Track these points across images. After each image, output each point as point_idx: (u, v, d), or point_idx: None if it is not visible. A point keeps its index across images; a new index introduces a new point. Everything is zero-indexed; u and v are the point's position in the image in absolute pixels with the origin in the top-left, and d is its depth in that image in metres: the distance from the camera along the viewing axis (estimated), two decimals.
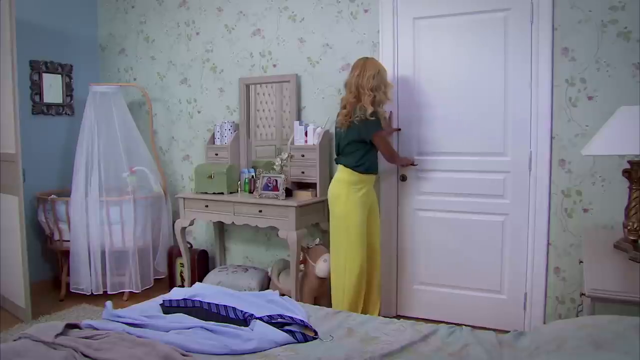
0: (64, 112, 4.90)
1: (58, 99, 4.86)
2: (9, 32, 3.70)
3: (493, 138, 3.56)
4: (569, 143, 3.31)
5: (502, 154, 3.55)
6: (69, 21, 4.93)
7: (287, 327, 2.27)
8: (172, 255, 4.60)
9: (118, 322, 2.31)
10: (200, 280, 4.25)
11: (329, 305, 3.58)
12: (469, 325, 2.42)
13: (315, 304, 3.35)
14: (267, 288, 3.99)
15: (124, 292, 4.35)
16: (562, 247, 3.39)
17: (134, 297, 4.23)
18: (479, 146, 3.61)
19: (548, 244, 3.42)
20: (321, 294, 3.83)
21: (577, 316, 3.02)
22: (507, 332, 2.32)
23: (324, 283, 3.79)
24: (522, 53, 3.40)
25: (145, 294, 4.16)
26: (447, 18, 3.65)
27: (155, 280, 4.56)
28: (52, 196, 4.36)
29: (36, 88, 4.66)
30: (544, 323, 3.38)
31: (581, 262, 3.00)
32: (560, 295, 3.42)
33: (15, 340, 2.08)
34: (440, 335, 2.28)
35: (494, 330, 2.39)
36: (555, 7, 3.27)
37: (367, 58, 3.48)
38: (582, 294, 2.09)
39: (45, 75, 4.73)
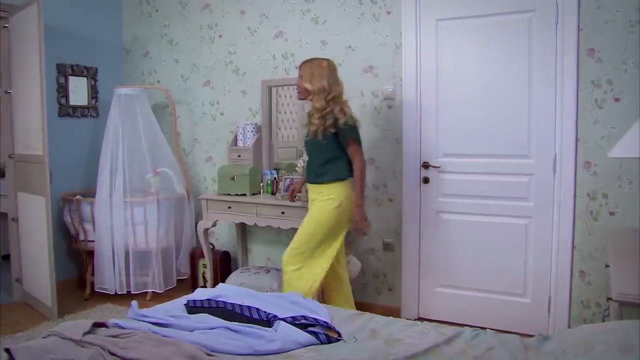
0: (89, 114, 4.97)
1: (83, 102, 4.93)
2: (37, 37, 3.78)
3: (517, 140, 3.53)
4: (594, 145, 3.27)
5: (526, 156, 3.51)
6: (94, 25, 5.00)
7: (310, 328, 2.27)
8: (195, 256, 4.64)
9: (143, 321, 2.34)
10: (223, 281, 4.27)
11: (352, 306, 3.58)
12: (492, 329, 2.40)
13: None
14: None
15: (147, 292, 4.40)
16: (587, 251, 3.35)
17: (157, 297, 4.28)
18: (503, 148, 3.58)
19: (573, 247, 3.38)
20: None
21: (604, 321, 2.99)
22: (531, 336, 2.30)
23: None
24: (546, 54, 3.37)
25: (168, 294, 4.20)
26: (470, 20, 3.63)
27: (178, 280, 4.60)
28: (78, 197, 4.43)
29: (62, 91, 4.74)
30: (569, 327, 3.34)
31: (607, 266, 2.96)
32: (586, 299, 3.37)
33: (44, 338, 2.11)
34: (464, 338, 2.26)
35: (518, 334, 2.37)
36: (581, 7, 3.23)
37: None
38: (608, 299, 2.07)
39: (71, 78, 4.81)
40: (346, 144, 3.26)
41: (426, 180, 3.84)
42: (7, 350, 1.90)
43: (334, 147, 3.27)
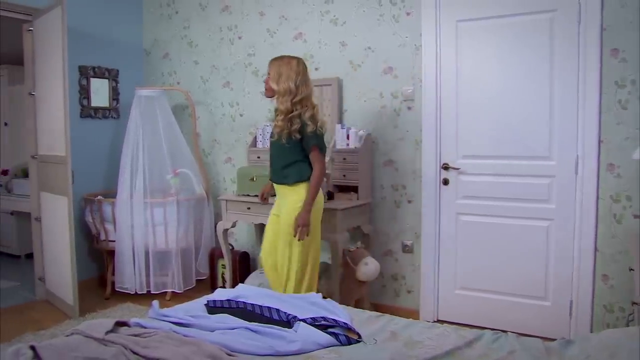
0: (110, 116, 5.03)
1: (105, 103, 4.99)
2: (60, 40, 3.83)
3: (538, 142, 3.49)
4: (617, 147, 3.23)
5: (547, 158, 3.48)
6: (115, 28, 5.06)
7: (330, 330, 2.27)
8: (214, 256, 4.66)
9: (164, 321, 2.35)
10: (241, 282, 4.29)
11: (371, 307, 3.57)
12: (513, 332, 2.38)
13: (356, 307, 3.34)
14: None
15: (166, 292, 4.43)
16: (610, 254, 3.30)
17: (177, 297, 4.31)
18: (523, 150, 3.55)
19: (595, 250, 3.34)
20: (362, 297, 3.82)
21: (628, 325, 2.95)
22: (553, 340, 2.27)
23: (365, 286, 3.79)
24: (568, 55, 3.34)
25: (187, 295, 4.23)
26: (491, 20, 3.61)
27: (197, 281, 4.63)
28: (99, 197, 4.48)
29: (84, 92, 4.80)
30: (591, 332, 3.29)
31: (631, 269, 2.92)
32: (608, 303, 3.33)
33: (67, 336, 2.14)
34: (485, 341, 2.24)
35: (539, 337, 2.34)
36: (604, 6, 3.19)
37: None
38: (633, 303, 2.04)
39: (92, 80, 4.87)
40: (309, 150, 3.19)
41: (446, 182, 3.82)
42: (32, 348, 1.93)
43: (298, 151, 3.21)
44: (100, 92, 4.95)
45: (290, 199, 3.26)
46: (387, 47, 3.97)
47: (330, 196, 3.85)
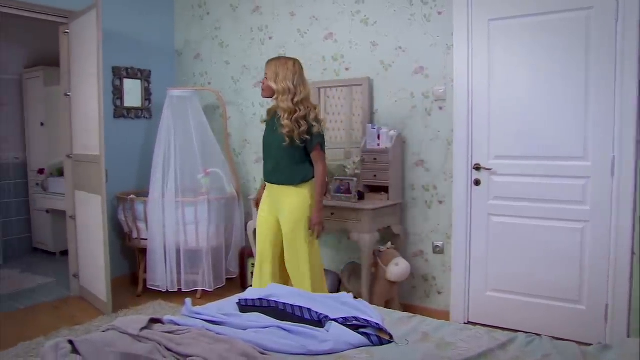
0: (142, 116, 5.11)
1: (137, 103, 5.07)
2: (96, 42, 3.90)
3: (572, 142, 3.43)
4: None
5: (582, 159, 3.41)
6: (148, 29, 5.14)
7: (362, 330, 2.27)
8: (244, 255, 4.69)
9: (197, 319, 2.38)
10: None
11: (401, 308, 3.56)
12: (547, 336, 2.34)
13: (386, 307, 3.33)
14: (338, 290, 4.00)
15: (197, 290, 4.47)
16: None
17: (207, 296, 4.35)
18: (557, 150, 3.49)
19: (632, 253, 3.26)
20: (392, 298, 3.81)
21: None
22: (588, 344, 2.23)
23: (395, 287, 3.77)
24: (605, 53, 3.26)
25: (218, 293, 4.27)
26: (524, 18, 3.55)
27: (227, 279, 4.66)
28: (132, 196, 4.55)
29: (118, 93, 4.89)
30: (628, 337, 3.22)
31: None
32: None
33: (103, 332, 2.18)
34: (518, 343, 2.21)
35: (573, 342, 2.29)
36: None
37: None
38: None
39: (126, 81, 4.95)
40: (312, 149, 3.28)
41: (477, 183, 3.78)
42: (71, 342, 1.97)
43: (302, 151, 3.30)
44: (133, 93, 5.03)
45: (294, 199, 3.32)
46: (418, 46, 3.95)
47: (360, 196, 3.85)
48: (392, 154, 3.86)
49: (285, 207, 3.35)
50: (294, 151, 3.28)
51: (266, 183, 3.49)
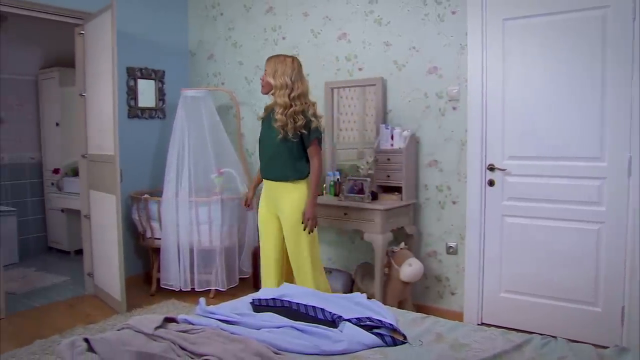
0: (156, 116, 5.14)
1: (151, 103, 5.10)
2: (110, 42, 3.93)
3: (588, 142, 3.40)
4: None
5: (598, 159, 3.38)
6: (161, 30, 5.17)
7: (375, 330, 2.26)
8: (257, 255, 4.68)
9: (211, 318, 2.39)
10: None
11: (414, 308, 3.55)
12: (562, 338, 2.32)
13: (399, 308, 3.33)
14: (351, 291, 4.00)
15: (210, 289, 4.48)
16: None
17: (220, 295, 4.37)
18: (573, 150, 3.46)
19: None
20: (405, 298, 3.80)
21: None
22: (604, 347, 2.21)
23: (408, 287, 3.76)
24: (621, 52, 3.23)
25: (231, 293, 4.28)
26: (539, 18, 3.53)
27: (240, 279, 4.67)
28: (145, 196, 4.58)
29: (132, 93, 4.92)
30: None
31: None
32: None
33: (118, 330, 2.19)
34: (534, 345, 2.20)
35: (589, 345, 2.27)
36: None
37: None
38: None
39: (140, 81, 4.98)
40: (309, 144, 3.34)
41: (491, 183, 3.76)
42: (86, 340, 1.98)
43: (300, 147, 3.35)
44: (146, 93, 5.06)
45: (294, 196, 3.38)
46: (432, 46, 3.93)
47: (374, 196, 3.84)
48: (406, 154, 3.85)
49: (285, 204, 3.40)
50: (290, 147, 3.33)
51: (264, 180, 3.52)
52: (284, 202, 3.40)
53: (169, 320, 2.31)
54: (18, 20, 4.79)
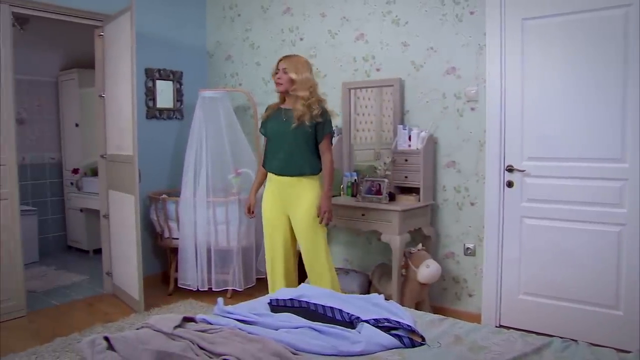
0: (174, 117, 5.17)
1: (169, 104, 5.14)
2: (129, 44, 3.96)
3: (609, 143, 3.35)
4: None
5: (619, 160, 3.33)
6: (180, 31, 5.20)
7: (393, 332, 2.25)
8: None
9: (229, 318, 2.39)
10: (301, 282, 4.31)
11: (431, 310, 3.53)
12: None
13: (416, 309, 3.31)
14: (368, 292, 3.99)
15: (227, 289, 4.50)
16: None
17: (237, 295, 4.38)
18: (593, 152, 3.41)
19: None
20: (423, 300, 3.78)
21: None
22: (626, 352, 2.17)
23: (426, 288, 3.74)
24: None
25: (248, 293, 4.29)
26: (559, 17, 3.48)
27: (257, 279, 4.67)
28: (163, 196, 4.61)
29: (150, 94, 4.96)
30: None
31: None
32: None
33: (138, 329, 2.21)
34: (554, 349, 2.17)
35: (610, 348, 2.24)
36: None
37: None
38: None
39: (158, 82, 5.02)
40: (322, 137, 3.43)
41: (510, 184, 3.72)
42: (107, 339, 2.00)
43: (313, 142, 3.44)
44: (165, 94, 5.10)
45: (309, 192, 3.44)
46: (450, 47, 3.91)
47: (391, 197, 3.83)
48: (424, 155, 3.83)
49: (301, 200, 3.44)
50: (306, 142, 3.41)
51: (275, 178, 3.51)
52: (300, 198, 3.44)
53: (187, 319, 2.32)
54: (39, 22, 4.85)
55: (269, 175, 3.57)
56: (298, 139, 3.40)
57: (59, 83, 6.32)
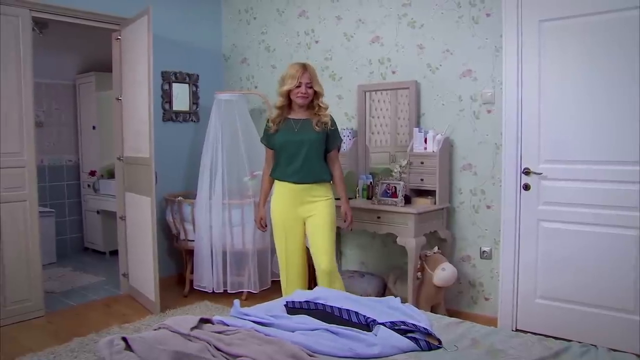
0: (190, 119, 5.20)
1: (185, 107, 5.18)
2: (146, 47, 4.00)
3: (627, 146, 3.30)
4: None
5: (637, 163, 3.29)
6: (196, 34, 5.24)
7: (410, 334, 2.25)
8: None
9: (246, 320, 2.40)
10: (316, 284, 4.31)
11: (446, 313, 3.51)
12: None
13: (432, 312, 3.29)
14: (384, 294, 3.98)
15: (242, 291, 4.51)
16: None
17: (252, 298, 4.39)
18: (611, 154, 3.37)
19: None
20: (438, 303, 3.76)
21: None
22: None
23: (442, 291, 3.72)
24: None
25: (263, 295, 4.30)
26: (576, 19, 3.45)
27: (272, 281, 4.68)
28: (179, 198, 4.64)
29: (166, 97, 4.99)
30: None
31: None
32: None
33: (155, 330, 2.22)
34: (572, 353, 2.15)
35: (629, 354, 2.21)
36: None
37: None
38: None
39: (174, 85, 5.06)
40: (333, 147, 3.53)
41: (527, 187, 3.69)
42: (124, 339, 2.02)
43: (323, 150, 3.51)
44: (181, 97, 5.13)
45: (325, 195, 3.48)
46: (466, 49, 3.90)
47: (407, 200, 3.82)
48: (440, 157, 3.82)
49: (317, 205, 3.46)
50: (319, 149, 3.46)
51: (292, 185, 3.45)
52: (317, 202, 3.46)
53: (204, 321, 2.33)
54: (58, 26, 4.91)
55: (280, 183, 3.52)
56: (314, 147, 3.43)
57: (77, 86, 6.39)
